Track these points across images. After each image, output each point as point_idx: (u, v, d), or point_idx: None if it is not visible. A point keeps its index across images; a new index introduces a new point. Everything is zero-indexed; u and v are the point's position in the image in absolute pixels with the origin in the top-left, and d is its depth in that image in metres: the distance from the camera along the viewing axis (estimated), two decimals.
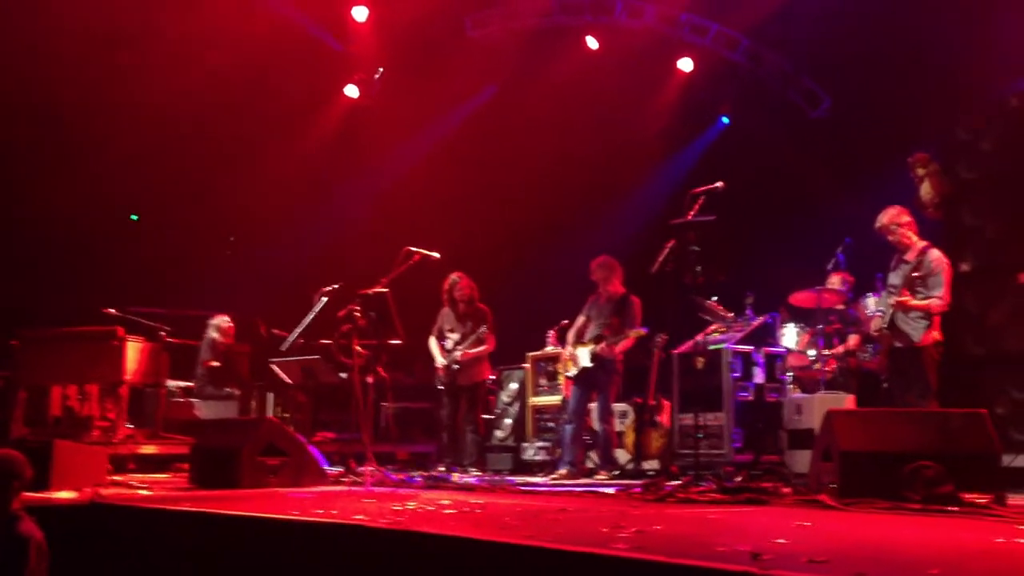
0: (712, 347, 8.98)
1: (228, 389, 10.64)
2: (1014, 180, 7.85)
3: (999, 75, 9.60)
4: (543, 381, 10.73)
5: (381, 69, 13.37)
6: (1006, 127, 7.98)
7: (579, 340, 9.21)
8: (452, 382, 9.61)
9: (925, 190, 8.35)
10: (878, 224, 7.64)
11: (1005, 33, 10.02)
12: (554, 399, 10.35)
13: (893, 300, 7.37)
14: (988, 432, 5.50)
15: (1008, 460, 6.95)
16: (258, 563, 4.31)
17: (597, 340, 8.98)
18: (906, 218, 7.59)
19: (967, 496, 5.04)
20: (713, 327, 9.47)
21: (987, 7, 9.95)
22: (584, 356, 9.05)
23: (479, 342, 9.56)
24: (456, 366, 9.57)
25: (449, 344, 9.69)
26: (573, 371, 9.17)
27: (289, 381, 9.58)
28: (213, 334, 10.81)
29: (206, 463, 7.17)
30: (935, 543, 3.66)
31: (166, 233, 13.07)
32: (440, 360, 9.67)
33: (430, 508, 4.98)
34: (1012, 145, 7.91)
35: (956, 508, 4.85)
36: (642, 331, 8.81)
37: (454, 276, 9.78)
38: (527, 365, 10.86)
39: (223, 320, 10.90)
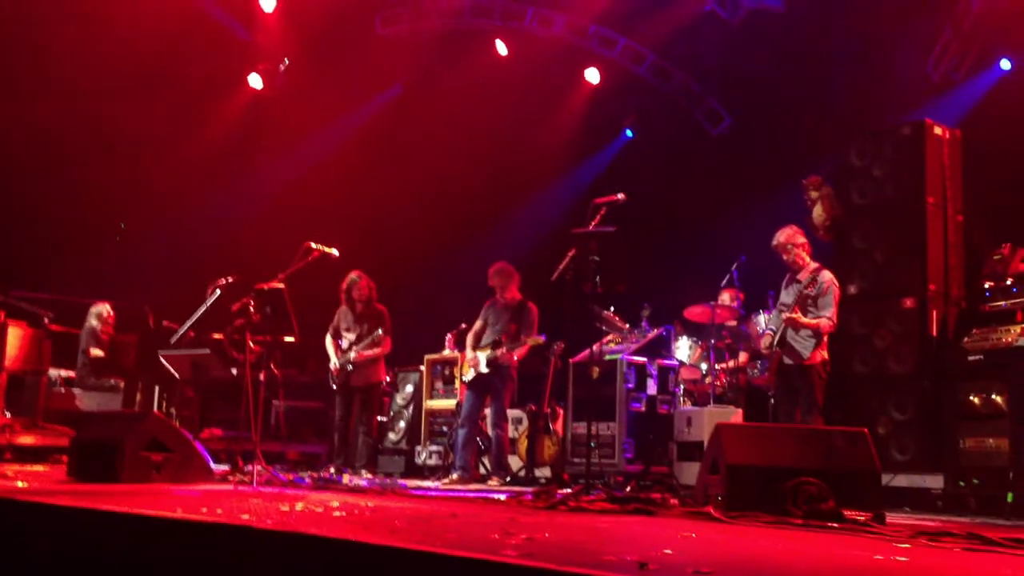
0: (607, 357, 9.08)
1: (112, 380, 10.32)
2: (903, 207, 8.12)
3: (894, 105, 9.97)
4: (439, 384, 10.69)
5: (287, 60, 13.16)
6: (897, 155, 8.24)
7: (477, 345, 9.21)
8: (346, 383, 9.52)
9: (817, 212, 8.58)
10: (775, 242, 7.84)
11: (901, 67, 10.43)
12: (449, 403, 10.32)
13: (785, 316, 7.57)
14: (869, 451, 5.67)
15: (888, 479, 7.20)
16: (137, 561, 4.16)
17: (495, 346, 8.99)
18: (802, 239, 7.82)
19: (848, 513, 5.17)
20: (609, 337, 9.58)
21: (885, 42, 10.33)
22: (482, 361, 9.04)
23: (375, 344, 9.47)
24: (350, 367, 9.47)
25: (345, 344, 9.59)
26: (469, 375, 9.15)
27: (177, 375, 9.34)
28: (93, 322, 10.49)
29: (86, 456, 6.92)
30: (815, 558, 3.74)
31: (55, 216, 12.61)
32: (335, 360, 9.56)
33: (318, 509, 4.89)
34: (902, 173, 8.18)
35: (837, 524, 4.96)
36: (539, 339, 8.85)
37: (353, 275, 9.67)
38: (423, 368, 10.80)
39: (104, 308, 10.57)
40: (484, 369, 9.00)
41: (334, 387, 9.62)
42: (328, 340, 9.70)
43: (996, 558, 3.89)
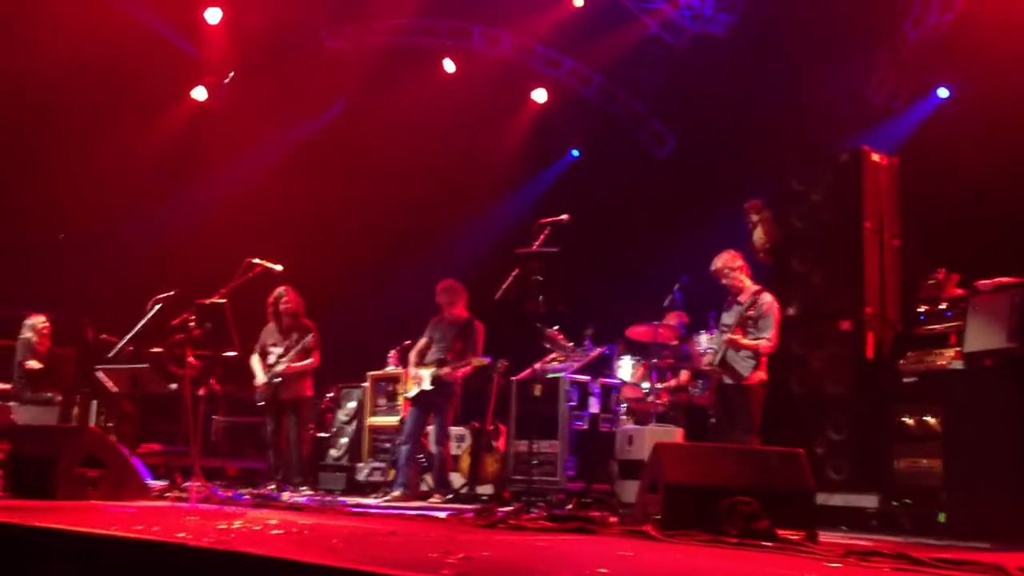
0: (550, 375, 9.12)
1: (49, 394, 10.15)
2: (840, 231, 8.27)
3: (835, 131, 10.17)
4: (382, 401, 10.65)
5: (232, 73, 13.08)
6: (836, 181, 8.40)
7: (421, 361, 9.18)
8: (273, 397, 9.27)
9: (757, 235, 8.71)
10: (713, 267, 7.97)
11: (841, 94, 10.65)
12: (392, 419, 10.28)
13: (726, 338, 7.67)
14: (804, 471, 5.77)
15: (824, 498, 7.30)
16: None
17: (439, 364, 8.96)
18: (739, 262, 7.95)
19: (782, 532, 5.25)
20: (552, 356, 9.62)
21: (826, 70, 10.54)
22: (426, 378, 9.02)
23: (305, 353, 9.25)
24: (278, 379, 9.26)
25: (272, 359, 9.34)
26: (413, 392, 9.11)
27: (115, 389, 9.20)
28: (28, 334, 10.30)
29: (21, 471, 6.79)
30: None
31: None
32: (261, 377, 9.32)
33: (256, 527, 4.85)
34: (840, 198, 8.33)
35: (770, 543, 5.04)
36: (484, 360, 8.84)
37: (280, 289, 9.48)
38: (366, 384, 10.76)
39: (39, 320, 10.39)
40: (428, 386, 8.97)
41: (259, 404, 9.38)
42: (255, 359, 9.46)
43: None
